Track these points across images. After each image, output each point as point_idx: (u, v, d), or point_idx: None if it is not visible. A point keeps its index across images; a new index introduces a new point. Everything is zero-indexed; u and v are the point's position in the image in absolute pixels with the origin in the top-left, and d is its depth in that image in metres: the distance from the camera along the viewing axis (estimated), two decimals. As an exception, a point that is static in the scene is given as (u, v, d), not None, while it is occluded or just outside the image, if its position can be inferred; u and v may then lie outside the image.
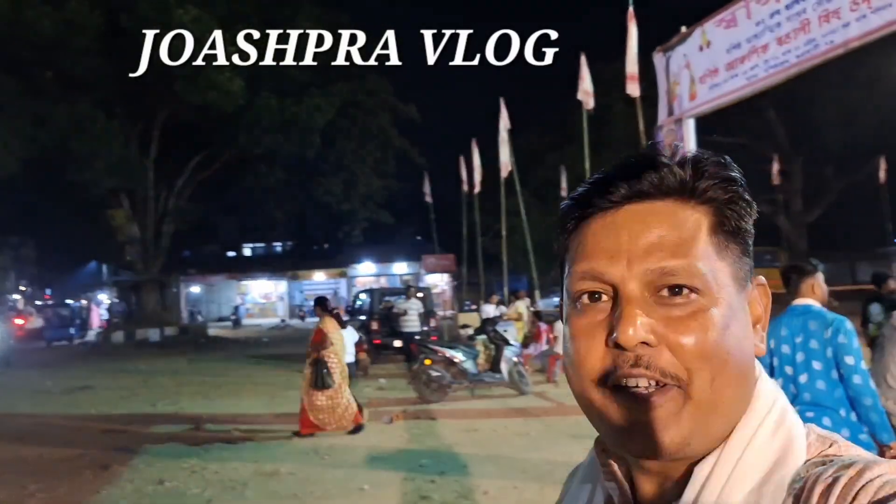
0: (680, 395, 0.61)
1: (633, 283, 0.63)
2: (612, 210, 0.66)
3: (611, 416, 0.63)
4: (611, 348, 0.63)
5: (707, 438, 0.63)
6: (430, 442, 7.82)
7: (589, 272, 0.65)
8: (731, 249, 0.66)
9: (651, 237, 0.63)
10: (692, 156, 0.67)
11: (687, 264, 0.62)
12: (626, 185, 0.66)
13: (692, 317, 0.62)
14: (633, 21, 9.40)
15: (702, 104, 8.45)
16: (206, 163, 28.98)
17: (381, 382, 12.58)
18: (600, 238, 0.66)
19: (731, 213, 0.66)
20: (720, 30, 8.07)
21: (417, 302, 12.89)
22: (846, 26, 6.46)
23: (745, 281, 0.67)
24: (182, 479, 6.72)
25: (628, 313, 0.62)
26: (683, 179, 0.65)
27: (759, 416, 0.65)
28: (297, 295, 45.05)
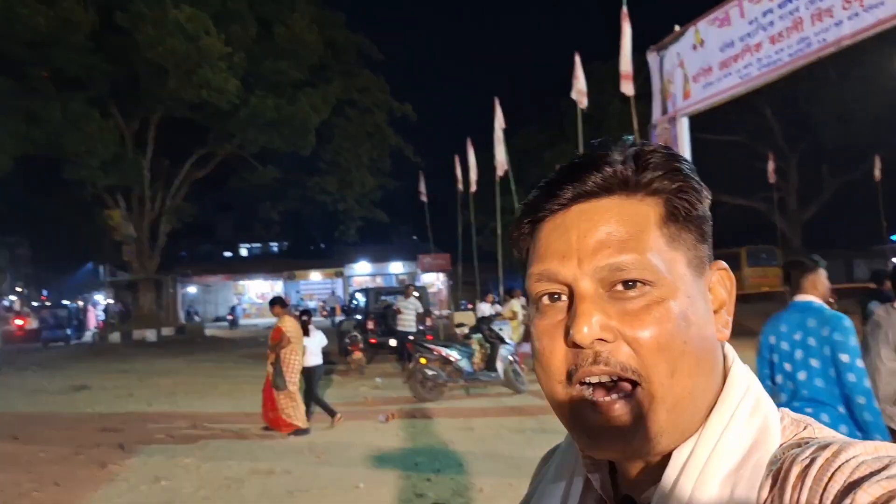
0: (643, 396, 0.62)
1: (586, 280, 0.64)
2: (560, 212, 0.67)
3: (578, 420, 0.64)
4: (571, 347, 0.63)
5: (676, 431, 0.63)
6: (425, 440, 7.83)
7: (543, 273, 0.66)
8: (684, 238, 0.66)
9: (599, 234, 0.64)
10: (634, 150, 0.67)
11: (636, 258, 0.63)
12: (571, 187, 0.67)
13: (646, 310, 0.62)
14: (627, 20, 9.43)
15: (696, 102, 8.49)
16: (202, 162, 28.98)
17: (378, 381, 12.59)
18: (552, 240, 0.67)
19: (680, 202, 0.66)
20: (714, 28, 8.10)
21: (415, 301, 12.89)
22: (839, 24, 6.49)
23: (702, 267, 0.67)
24: (178, 477, 6.74)
25: (582, 311, 0.63)
26: (625, 175, 0.66)
27: (734, 401, 0.65)
28: (293, 295, 45.02)
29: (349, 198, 29.44)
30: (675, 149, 6.23)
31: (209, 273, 42.16)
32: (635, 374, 0.61)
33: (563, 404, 0.65)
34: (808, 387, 3.27)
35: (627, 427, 0.62)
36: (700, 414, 0.64)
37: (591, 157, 0.68)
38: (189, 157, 28.11)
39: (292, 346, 8.55)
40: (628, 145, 0.68)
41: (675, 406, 0.62)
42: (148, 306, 29.78)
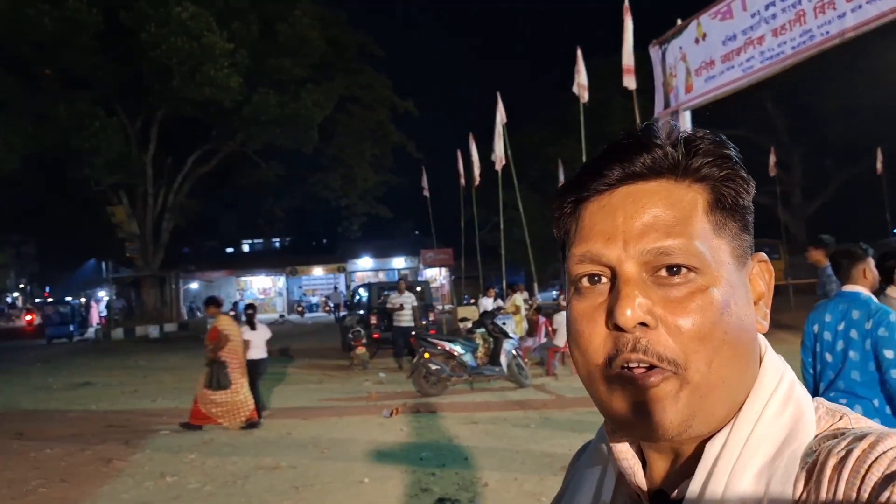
0: (676, 378, 0.61)
1: (630, 263, 0.63)
2: (607, 192, 0.66)
3: (613, 400, 0.64)
4: (611, 331, 0.63)
5: (710, 418, 0.63)
6: (429, 435, 7.85)
7: (586, 255, 0.66)
8: (729, 226, 0.66)
9: (646, 217, 0.64)
10: (685, 135, 0.67)
11: (683, 243, 0.62)
12: (620, 167, 0.66)
13: (690, 297, 0.62)
14: (629, 14, 9.40)
15: (698, 96, 8.46)
16: (205, 158, 29.01)
17: (381, 376, 12.61)
18: (596, 220, 0.66)
19: (728, 190, 0.66)
20: (716, 22, 8.07)
21: (411, 295, 12.89)
22: (842, 17, 6.46)
23: (744, 258, 0.67)
24: (183, 472, 6.77)
25: (626, 294, 0.62)
26: (676, 159, 0.65)
27: (767, 392, 0.65)
28: (295, 290, 45.08)
29: (352, 194, 29.48)
30: None
31: (212, 269, 42.18)
32: (672, 364, 0.61)
33: (600, 387, 0.65)
34: (844, 378, 3.24)
35: (662, 408, 0.61)
36: (735, 403, 0.64)
37: (640, 139, 0.67)
38: (192, 154, 28.14)
39: (231, 344, 8.75)
40: (677, 129, 0.68)
41: (709, 393, 0.62)
42: (151, 302, 29.88)
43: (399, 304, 12.60)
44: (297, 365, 15.58)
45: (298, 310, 39.63)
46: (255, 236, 48.09)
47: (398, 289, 12.92)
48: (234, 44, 22.47)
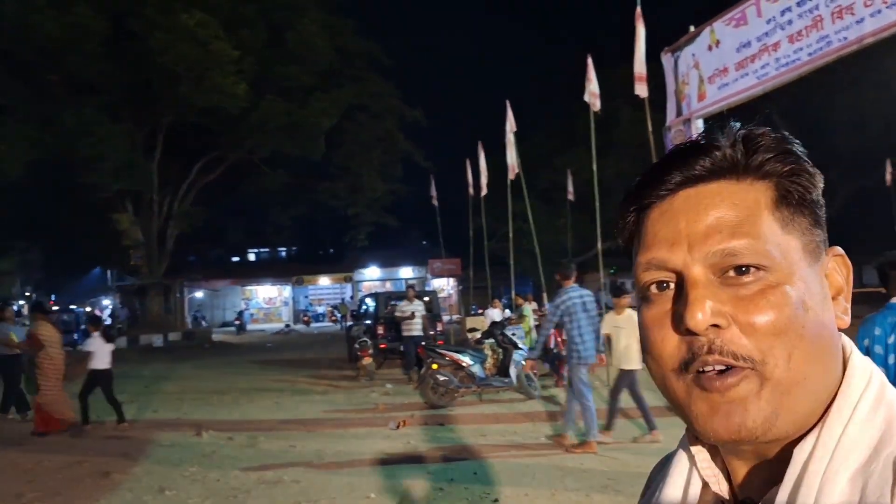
0: (755, 377, 0.60)
1: (697, 267, 0.62)
2: (668, 198, 0.66)
3: (692, 403, 0.62)
4: (683, 335, 0.62)
5: (794, 417, 0.61)
6: (437, 448, 7.67)
7: (652, 262, 0.65)
8: (798, 222, 0.64)
9: (709, 219, 0.62)
10: (743, 133, 0.66)
11: (749, 243, 0.61)
12: (679, 172, 0.65)
13: (761, 294, 0.60)
14: (641, 21, 9.27)
15: (711, 104, 8.34)
16: (211, 166, 28.99)
17: (388, 387, 12.44)
18: (659, 227, 0.66)
19: (793, 186, 0.64)
20: (730, 28, 7.96)
21: (421, 304, 12.71)
22: (860, 22, 6.34)
23: (818, 253, 0.65)
24: (183, 487, 6.61)
25: (694, 297, 0.61)
26: (735, 158, 0.64)
27: (856, 393, 0.63)
28: (301, 300, 45.00)
29: (359, 203, 29.38)
30: None
31: (217, 278, 42.16)
32: (749, 361, 0.60)
33: (678, 393, 0.64)
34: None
35: (743, 407, 0.60)
36: (819, 403, 0.62)
37: (699, 142, 0.67)
38: (198, 161, 28.12)
39: (46, 350, 9.30)
40: (736, 129, 0.66)
41: (790, 390, 0.60)
42: (155, 311, 29.81)
43: (410, 312, 12.41)
44: (302, 375, 15.41)
45: (304, 319, 39.52)
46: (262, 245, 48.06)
47: (407, 297, 12.74)
48: (241, 51, 22.47)
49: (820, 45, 6.79)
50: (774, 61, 7.35)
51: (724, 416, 0.61)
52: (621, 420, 8.13)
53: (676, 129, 8.87)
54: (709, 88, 8.31)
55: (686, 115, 8.68)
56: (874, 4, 6.15)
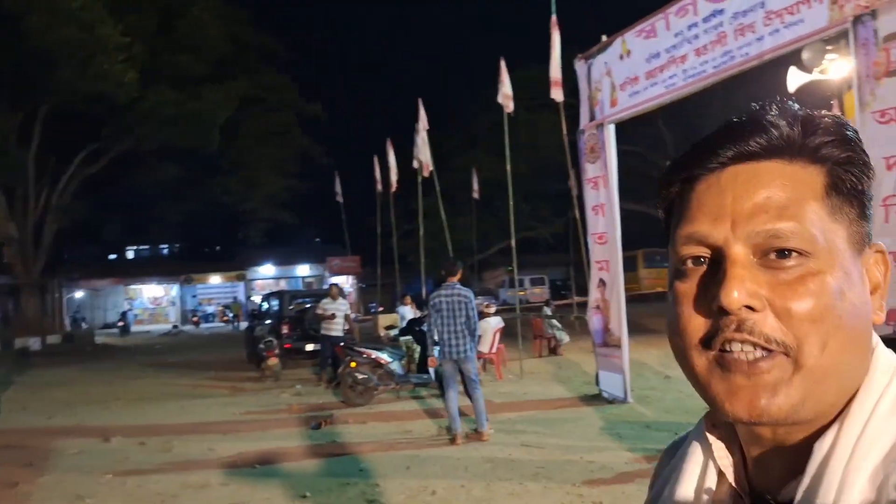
0: (787, 363, 0.59)
1: (738, 245, 0.60)
2: (717, 171, 0.64)
3: (714, 381, 0.61)
4: (714, 312, 0.60)
5: (819, 404, 0.60)
6: (364, 446, 7.69)
7: (692, 235, 0.63)
8: (847, 212, 0.62)
9: (757, 198, 0.61)
10: (803, 114, 0.64)
11: (796, 227, 0.60)
12: (733, 146, 0.63)
13: (801, 281, 0.59)
14: (557, 28, 9.64)
15: (622, 110, 8.78)
16: (94, 157, 27.35)
17: (298, 388, 12.28)
18: (704, 200, 0.64)
19: (847, 174, 0.63)
20: (640, 40, 8.41)
21: (345, 303, 12.60)
22: (760, 40, 6.87)
23: (861, 245, 0.64)
24: (102, 494, 6.33)
25: (732, 275, 0.59)
26: (792, 138, 0.63)
27: (879, 387, 0.62)
28: (189, 299, 43.29)
29: (254, 199, 28.59)
30: (604, 155, 6.46)
31: (98, 276, 39.83)
32: (781, 346, 0.58)
33: (698, 370, 0.62)
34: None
35: (769, 387, 0.59)
36: (845, 394, 0.61)
37: (756, 117, 0.64)
38: (80, 152, 26.45)
39: None
40: (794, 109, 0.65)
41: (822, 379, 0.59)
42: (31, 312, 27.85)
43: (332, 311, 12.24)
44: (203, 378, 14.92)
45: (193, 320, 38.03)
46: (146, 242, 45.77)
47: (330, 295, 12.54)
48: (129, 37, 21.32)
49: (724, 59, 7.31)
50: (682, 72, 7.85)
51: (747, 399, 0.59)
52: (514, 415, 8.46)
53: (590, 133, 9.28)
54: (620, 95, 8.76)
55: (599, 120, 9.09)
56: (773, 24, 6.71)
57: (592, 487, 5.75)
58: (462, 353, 7.58)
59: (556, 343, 14.45)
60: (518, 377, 11.47)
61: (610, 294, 9.12)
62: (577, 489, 5.74)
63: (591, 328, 9.57)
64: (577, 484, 5.86)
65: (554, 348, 14.48)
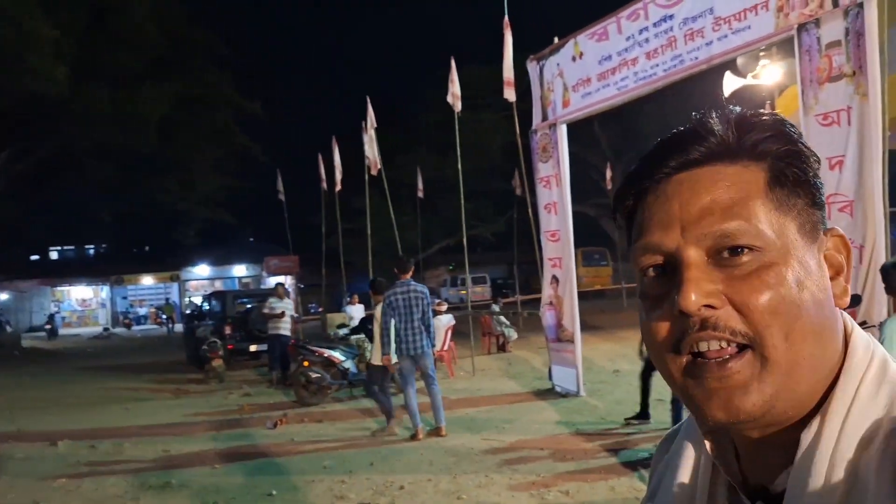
0: (755, 358, 0.60)
1: (690, 249, 0.62)
2: (663, 182, 0.66)
3: (690, 387, 0.63)
4: (677, 317, 0.62)
5: (794, 397, 0.61)
6: (325, 443, 7.68)
7: (647, 246, 0.65)
8: (794, 202, 0.64)
9: (702, 201, 0.63)
10: (736, 115, 0.66)
11: (742, 224, 0.61)
12: (674, 157, 0.65)
13: (755, 274, 0.60)
14: (509, 29, 9.81)
15: (575, 111, 9.00)
16: (20, 156, 26.14)
17: (245, 389, 12.11)
18: (654, 211, 0.65)
19: (788, 166, 0.64)
20: (592, 42, 8.64)
21: (290, 303, 12.48)
22: (709, 44, 7.17)
23: (815, 233, 0.65)
24: (57, 499, 6.16)
25: (687, 278, 0.61)
26: (728, 140, 0.65)
27: (858, 371, 0.63)
28: (119, 301, 41.89)
29: (191, 198, 27.87)
30: (556, 154, 6.68)
31: (22, 278, 38.08)
32: (746, 337, 0.60)
33: (675, 374, 0.64)
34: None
35: (741, 387, 0.60)
36: (819, 383, 0.62)
37: (693, 127, 0.67)
38: (3, 150, 25.24)
39: None
40: (731, 113, 0.67)
41: (790, 371, 0.60)
42: (-50, 316, 26.43)
43: (280, 310, 12.10)
44: (143, 381, 14.51)
45: (125, 322, 36.81)
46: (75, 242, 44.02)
47: (277, 294, 12.39)
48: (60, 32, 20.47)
49: (674, 62, 7.60)
50: (633, 75, 8.11)
51: (723, 400, 0.61)
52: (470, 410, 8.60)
53: (542, 133, 9.49)
54: (573, 96, 8.99)
55: (552, 120, 9.30)
56: (721, 30, 7.02)
57: (557, 478, 5.90)
58: (420, 349, 7.66)
59: (504, 340, 14.67)
60: (470, 374, 11.60)
61: (563, 290, 9.35)
62: (543, 480, 5.88)
63: (544, 324, 9.77)
64: (541, 475, 6.01)
65: (502, 345, 14.70)
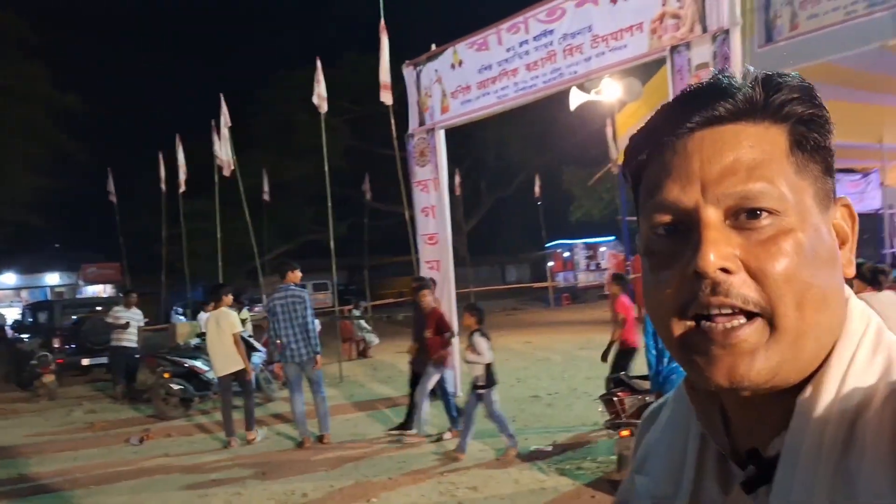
0: (764, 326, 0.59)
1: (710, 208, 0.61)
2: (683, 138, 0.63)
3: (693, 349, 0.61)
4: (689, 278, 0.60)
5: (797, 365, 0.61)
6: (206, 456, 7.22)
7: (663, 203, 0.63)
8: (811, 168, 0.63)
9: (725, 160, 0.61)
10: (763, 75, 0.64)
11: (765, 186, 0.60)
12: (698, 112, 0.63)
13: (773, 240, 0.59)
14: (385, 33, 9.80)
15: (454, 117, 9.20)
16: None
17: (87, 405, 11.04)
18: (672, 167, 0.63)
19: (810, 131, 0.63)
20: (472, 51, 8.88)
21: (139, 312, 11.50)
22: (588, 60, 7.64)
23: (827, 201, 0.64)
24: None
25: (706, 238, 0.59)
26: (754, 98, 0.63)
27: (855, 337, 0.63)
28: None
29: (-3, 200, 24.83)
30: (434, 159, 6.98)
31: None
32: (757, 306, 0.59)
33: (677, 336, 0.62)
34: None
35: (747, 354, 0.59)
36: (822, 349, 0.62)
37: (719, 83, 0.65)
38: None
39: None
40: (757, 71, 0.65)
41: (798, 339, 0.59)
42: None
43: (125, 321, 11.09)
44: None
45: None
46: None
47: (126, 304, 11.35)
48: None
49: (553, 75, 8.01)
50: (513, 85, 8.43)
51: (727, 367, 0.59)
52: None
53: (419, 137, 9.58)
54: (452, 102, 9.16)
55: (430, 125, 9.42)
56: (599, 47, 7.50)
57: (460, 474, 6.00)
58: (304, 356, 7.44)
59: (365, 346, 14.56)
60: (339, 380, 11.40)
61: (441, 293, 9.46)
62: (447, 477, 5.96)
63: (420, 327, 9.82)
64: (444, 472, 6.08)
65: (363, 351, 14.58)
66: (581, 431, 7.08)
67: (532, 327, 18.95)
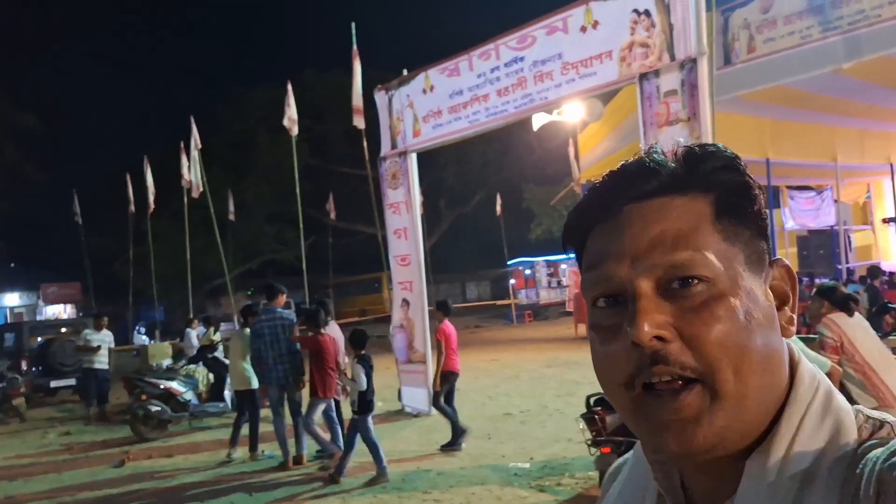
0: (704, 391, 0.60)
1: (641, 280, 0.62)
2: (613, 215, 0.66)
3: (641, 419, 0.63)
4: (630, 349, 0.61)
5: (743, 428, 0.62)
6: (189, 477, 7.28)
7: (598, 278, 0.66)
8: (742, 233, 0.65)
9: (652, 233, 0.63)
10: (684, 149, 0.67)
11: (692, 255, 0.62)
12: (625, 191, 0.66)
13: (705, 307, 0.61)
14: (357, 58, 10.05)
15: (426, 141, 9.46)
16: None
17: (60, 427, 10.96)
18: (605, 242, 0.66)
19: (734, 198, 0.65)
20: (443, 77, 9.16)
21: (110, 334, 11.43)
22: (558, 86, 7.95)
23: (760, 263, 0.66)
24: None
25: (639, 309, 0.61)
26: (676, 173, 0.66)
27: (803, 403, 0.64)
28: None
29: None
30: (407, 182, 7.37)
31: None
32: (696, 372, 0.60)
33: (627, 407, 0.64)
34: None
35: (693, 420, 0.60)
36: (767, 413, 0.63)
37: (643, 160, 0.68)
38: None
39: None
40: (678, 145, 0.68)
41: (740, 402, 0.61)
42: None
43: (96, 344, 11.04)
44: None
45: None
46: None
47: (96, 326, 11.29)
48: None
49: (524, 100, 8.31)
50: (485, 109, 8.70)
51: (675, 433, 0.61)
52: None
53: (392, 160, 9.81)
54: (423, 127, 9.41)
55: (401, 149, 9.65)
56: (569, 74, 7.81)
57: (443, 493, 6.14)
58: (288, 378, 7.55)
59: (336, 363, 14.58)
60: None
61: (414, 313, 9.68)
62: (431, 495, 6.10)
63: (394, 346, 10.00)
64: (428, 490, 6.23)
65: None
66: (556, 449, 7.21)
67: (497, 345, 19.09)
